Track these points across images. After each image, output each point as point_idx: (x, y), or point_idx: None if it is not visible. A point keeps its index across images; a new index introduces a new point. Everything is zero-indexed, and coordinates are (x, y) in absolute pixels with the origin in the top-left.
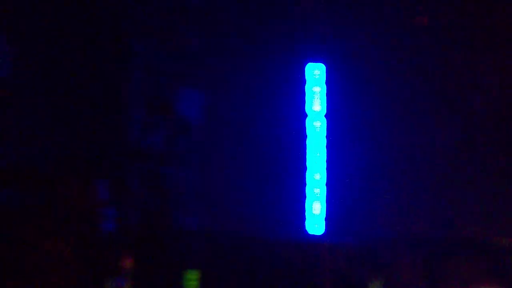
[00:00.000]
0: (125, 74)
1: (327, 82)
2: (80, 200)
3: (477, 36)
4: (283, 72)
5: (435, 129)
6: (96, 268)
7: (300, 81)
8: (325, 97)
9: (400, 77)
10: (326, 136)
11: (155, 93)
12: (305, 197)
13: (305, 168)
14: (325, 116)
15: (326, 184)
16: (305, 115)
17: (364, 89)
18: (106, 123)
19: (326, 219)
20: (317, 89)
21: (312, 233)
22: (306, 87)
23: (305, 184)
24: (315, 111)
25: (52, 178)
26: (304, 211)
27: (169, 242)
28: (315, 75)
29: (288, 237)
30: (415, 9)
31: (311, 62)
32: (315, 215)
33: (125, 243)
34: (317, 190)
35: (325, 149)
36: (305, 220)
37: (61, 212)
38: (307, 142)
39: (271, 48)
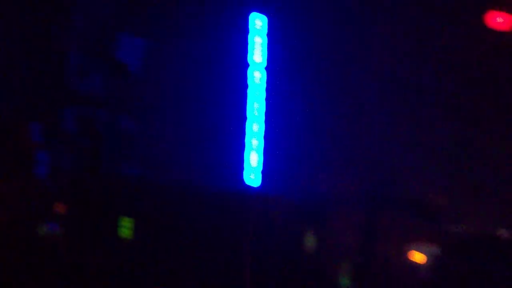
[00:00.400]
0: (62, 18)
1: (269, 34)
2: (13, 143)
3: None
4: (226, 21)
5: (377, 83)
6: (30, 212)
7: (243, 31)
8: (266, 49)
9: (341, 31)
10: (266, 88)
11: (93, 37)
12: (243, 148)
13: (245, 119)
14: (266, 68)
15: (264, 136)
16: (247, 65)
17: (305, 42)
18: (42, 66)
19: (263, 171)
20: (258, 40)
21: (249, 185)
22: (249, 37)
23: (244, 135)
24: (256, 62)
25: None
26: (242, 162)
27: (103, 188)
28: (257, 26)
29: (225, 187)
30: None
31: (254, 12)
32: (252, 167)
33: (59, 188)
34: (254, 142)
35: (264, 101)
36: (243, 171)
37: None
38: (248, 92)
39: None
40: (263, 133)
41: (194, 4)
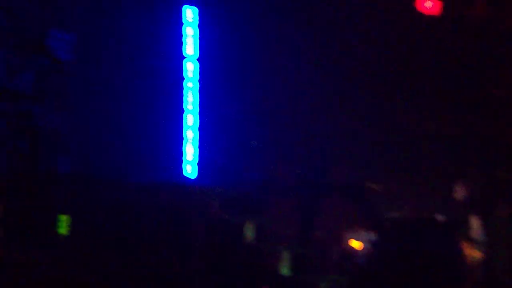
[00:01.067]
0: None
1: (200, 25)
2: None
3: None
4: (159, 14)
5: (309, 72)
6: None
7: (176, 24)
8: (198, 41)
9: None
10: (199, 80)
11: (22, 33)
12: (180, 141)
13: (181, 112)
14: (198, 59)
15: (199, 128)
16: (183, 58)
17: (237, 33)
18: None
19: (199, 163)
20: (190, 31)
21: (186, 177)
22: (182, 29)
23: (181, 128)
24: (189, 54)
25: None
26: (179, 155)
27: (39, 186)
28: (189, 18)
29: (162, 181)
30: None
31: (186, 5)
32: (188, 159)
33: None
34: (190, 134)
35: (198, 93)
36: (180, 164)
37: None
38: (183, 85)
39: None
40: (198, 125)
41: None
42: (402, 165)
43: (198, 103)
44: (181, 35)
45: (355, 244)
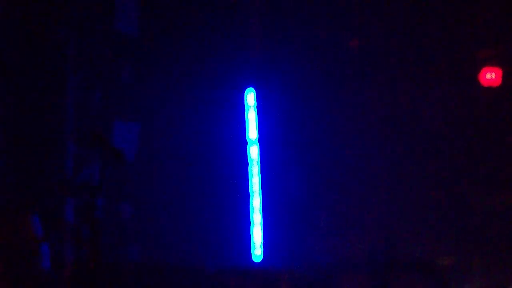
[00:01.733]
0: (58, 110)
1: (258, 108)
2: (15, 236)
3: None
4: (222, 98)
5: (373, 150)
6: None
7: (239, 107)
8: (258, 123)
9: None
10: (260, 162)
11: (88, 126)
12: (247, 224)
13: (247, 195)
14: (258, 141)
15: (263, 210)
16: (246, 142)
17: (293, 112)
18: (40, 158)
19: (266, 246)
20: (251, 115)
21: (254, 261)
22: (246, 114)
23: (248, 212)
24: (251, 138)
25: None
26: (246, 239)
27: (107, 277)
28: (250, 102)
29: (229, 266)
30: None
31: (250, 87)
32: (255, 242)
33: (61, 280)
34: (257, 217)
35: (260, 175)
36: (247, 248)
37: None
38: (249, 169)
39: (208, 76)
40: (262, 208)
41: (187, 83)
42: (473, 239)
43: (261, 185)
44: (244, 119)
45: None
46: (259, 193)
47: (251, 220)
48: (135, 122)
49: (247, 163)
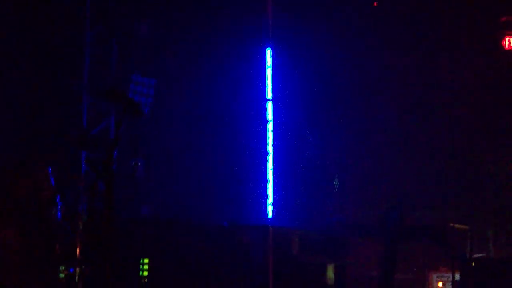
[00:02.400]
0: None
1: (273, 66)
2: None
3: None
4: (242, 57)
5: (386, 110)
6: (46, 257)
7: (259, 67)
8: (273, 82)
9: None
10: (274, 121)
11: (104, 79)
12: (262, 183)
13: (264, 154)
14: (273, 100)
15: (275, 169)
16: (265, 100)
17: (309, 72)
18: (55, 111)
19: (279, 205)
20: (269, 74)
21: (268, 219)
22: (265, 72)
23: (264, 170)
24: (269, 96)
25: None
26: (261, 197)
27: (119, 229)
28: (269, 61)
29: (243, 223)
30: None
31: (266, 47)
32: (270, 201)
33: (74, 231)
34: (272, 176)
35: (274, 134)
36: (262, 206)
37: (9, 200)
38: (267, 127)
39: (227, 33)
40: (275, 167)
41: (205, 41)
42: (486, 205)
43: (274, 144)
44: (263, 78)
45: (439, 285)
46: (272, 152)
47: (266, 179)
48: (151, 77)
49: (265, 122)
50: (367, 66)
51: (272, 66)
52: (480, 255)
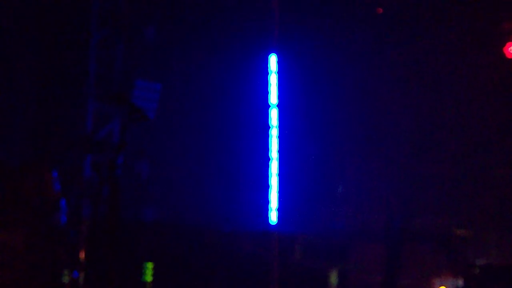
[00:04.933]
0: (80, 64)
1: (278, 72)
2: (35, 192)
3: None
4: (245, 63)
5: (392, 115)
6: (50, 261)
7: (262, 72)
8: (277, 88)
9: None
10: (280, 127)
11: (109, 84)
12: (265, 188)
13: (267, 159)
14: (278, 106)
15: (279, 175)
16: (268, 106)
17: (314, 78)
18: (61, 114)
19: (282, 210)
20: (273, 80)
21: (270, 225)
22: (269, 78)
23: (266, 176)
24: (273, 102)
25: (6, 169)
26: (264, 202)
27: (123, 234)
28: (273, 67)
29: (246, 229)
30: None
31: (273, 53)
32: (273, 207)
33: (78, 235)
34: (274, 181)
35: (279, 140)
36: (265, 212)
37: (15, 204)
38: (269, 133)
39: (231, 39)
40: (279, 172)
41: (210, 46)
42: (490, 211)
43: (278, 150)
44: (267, 84)
45: None
46: (277, 158)
47: (269, 184)
48: (157, 82)
49: (268, 127)
50: (372, 72)
51: (278, 71)
52: (483, 261)
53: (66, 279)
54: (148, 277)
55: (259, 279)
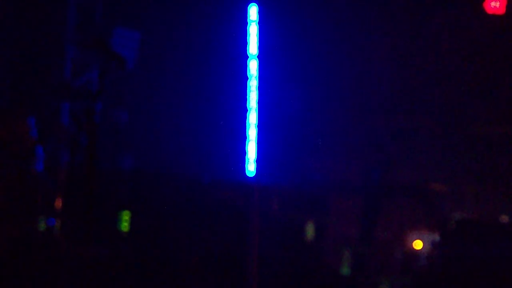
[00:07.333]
0: (58, 11)
1: (260, 23)
2: (11, 138)
3: None
4: (224, 12)
5: (374, 69)
6: (26, 208)
7: (241, 22)
8: (258, 38)
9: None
10: (260, 78)
11: (88, 31)
12: (242, 139)
13: (245, 110)
14: (258, 57)
15: (258, 127)
16: (247, 57)
17: (297, 29)
18: (38, 60)
19: (258, 161)
20: (253, 30)
21: (248, 176)
22: (248, 28)
23: (244, 127)
24: (252, 53)
25: None
26: (241, 153)
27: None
28: (252, 16)
29: (222, 179)
30: None
31: (252, 3)
32: (251, 158)
33: (55, 183)
34: (252, 132)
35: (257, 91)
36: (242, 163)
37: None
38: (247, 84)
39: None
40: (258, 124)
41: None
42: (467, 166)
43: (258, 101)
44: (245, 34)
45: (418, 245)
46: (256, 109)
47: (246, 135)
48: (136, 29)
49: (246, 78)
50: (357, 24)
51: (259, 22)
52: (460, 215)
53: (42, 226)
54: (125, 227)
55: (236, 229)
